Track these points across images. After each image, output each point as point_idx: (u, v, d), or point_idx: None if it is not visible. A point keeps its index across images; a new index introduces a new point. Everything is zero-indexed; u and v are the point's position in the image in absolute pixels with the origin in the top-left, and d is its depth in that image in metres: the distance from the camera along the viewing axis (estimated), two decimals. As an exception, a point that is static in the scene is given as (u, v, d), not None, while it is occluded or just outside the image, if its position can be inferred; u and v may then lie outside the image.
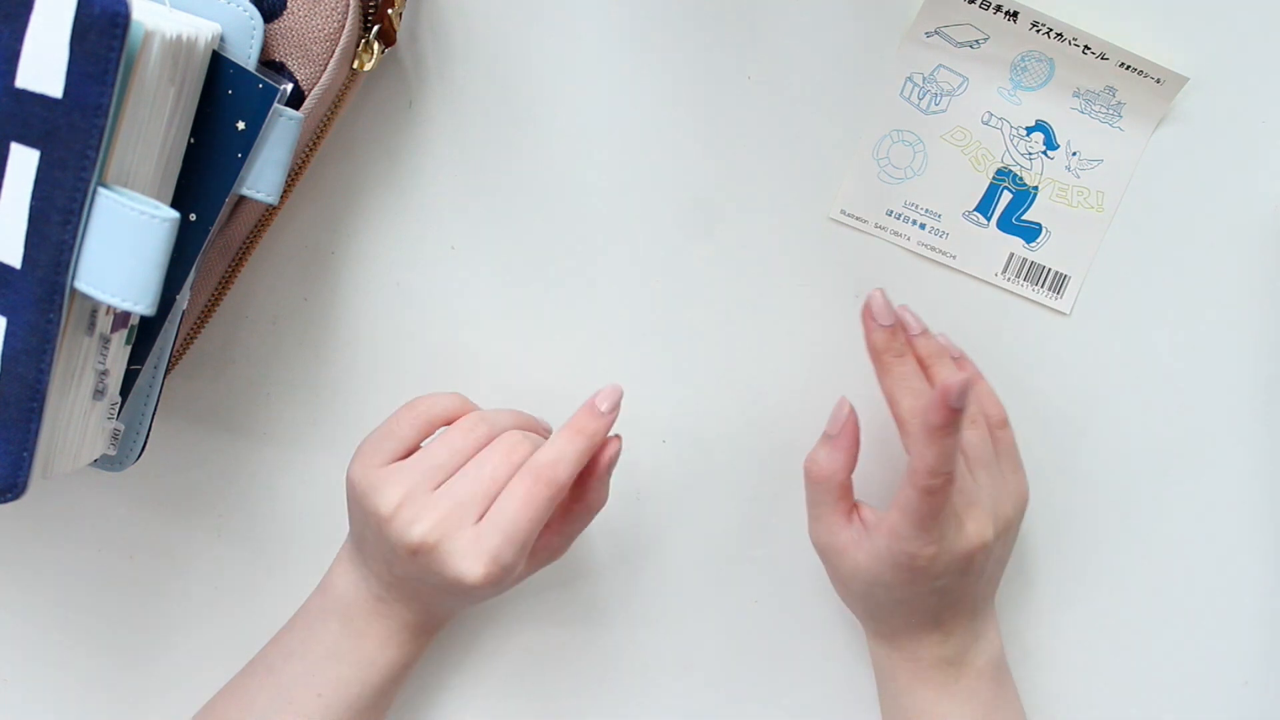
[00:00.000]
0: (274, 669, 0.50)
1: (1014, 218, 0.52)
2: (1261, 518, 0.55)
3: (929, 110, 0.52)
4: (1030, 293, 0.53)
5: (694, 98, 0.52)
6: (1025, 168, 0.52)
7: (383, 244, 0.53)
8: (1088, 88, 0.51)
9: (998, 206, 0.52)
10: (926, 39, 0.51)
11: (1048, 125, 0.52)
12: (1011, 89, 0.52)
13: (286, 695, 0.49)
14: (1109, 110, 0.51)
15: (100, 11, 0.36)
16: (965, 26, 0.50)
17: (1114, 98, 0.51)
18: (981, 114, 0.52)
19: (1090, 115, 0.52)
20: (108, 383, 0.44)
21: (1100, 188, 0.52)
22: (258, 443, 0.54)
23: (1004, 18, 0.50)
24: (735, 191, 0.52)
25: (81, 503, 0.55)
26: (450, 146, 0.52)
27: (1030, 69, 0.51)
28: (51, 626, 0.55)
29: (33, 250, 0.39)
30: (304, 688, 0.49)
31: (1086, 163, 0.52)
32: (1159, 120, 0.51)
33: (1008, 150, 0.52)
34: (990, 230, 0.53)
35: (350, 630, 0.49)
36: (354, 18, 0.45)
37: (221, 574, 0.55)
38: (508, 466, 0.47)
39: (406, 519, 0.46)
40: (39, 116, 0.38)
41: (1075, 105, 0.51)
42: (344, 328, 0.53)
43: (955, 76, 0.51)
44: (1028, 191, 0.52)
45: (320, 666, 0.49)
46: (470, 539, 0.46)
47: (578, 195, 0.52)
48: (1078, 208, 0.52)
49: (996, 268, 0.53)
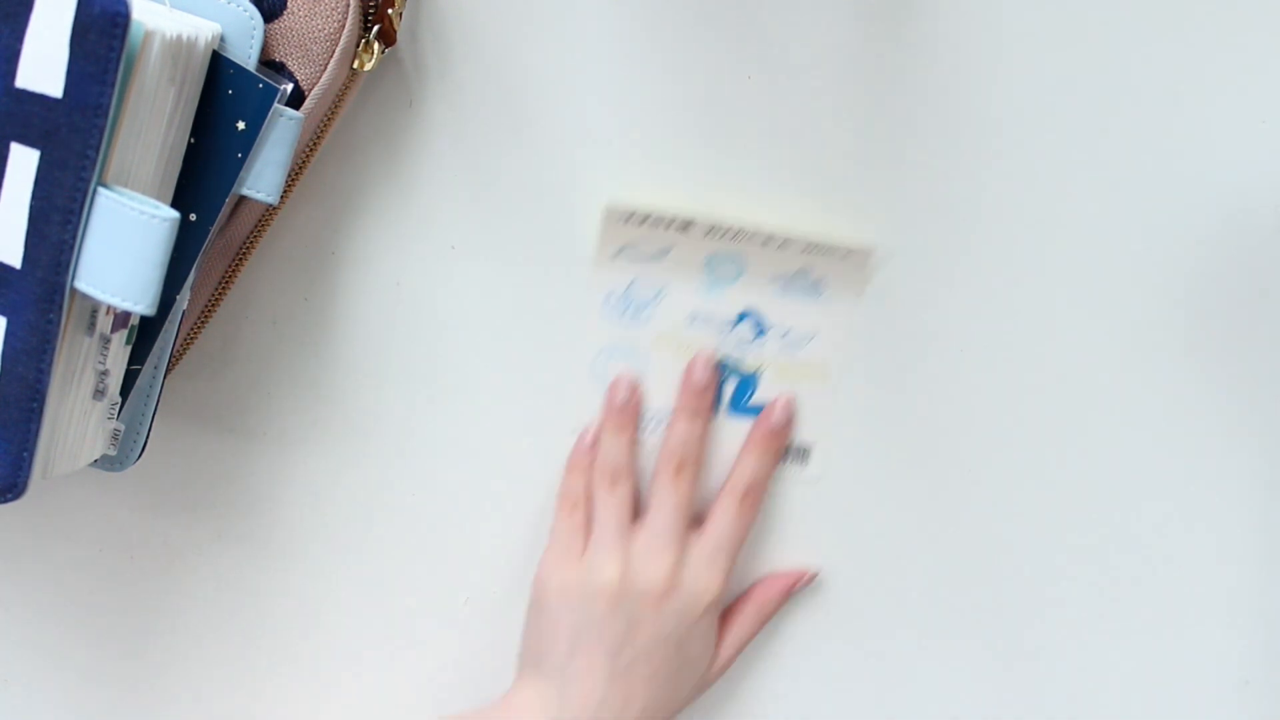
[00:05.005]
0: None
1: (742, 403, 0.53)
2: (1262, 517, 0.55)
3: (634, 323, 0.53)
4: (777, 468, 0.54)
5: (694, 98, 0.52)
6: (741, 356, 0.53)
7: (383, 244, 0.53)
8: (781, 273, 0.52)
9: (724, 396, 0.53)
10: (613, 259, 0.52)
11: (754, 313, 0.52)
12: (709, 288, 0.52)
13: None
14: (808, 288, 0.52)
15: (100, 11, 0.36)
16: (648, 241, 0.51)
17: (809, 277, 0.52)
18: (686, 315, 0.52)
19: (792, 295, 0.52)
20: (108, 383, 0.44)
21: (820, 359, 0.53)
22: (258, 443, 0.54)
23: (677, 231, 0.51)
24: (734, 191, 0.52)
25: (81, 503, 0.55)
26: (450, 146, 0.52)
27: (720, 267, 0.52)
28: (51, 627, 0.55)
29: (33, 250, 0.39)
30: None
31: (800, 339, 0.53)
32: (861, 287, 0.52)
33: (720, 343, 0.53)
34: (722, 418, 0.53)
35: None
36: (354, 18, 0.45)
37: (221, 574, 0.55)
38: (679, 497, 0.51)
39: (638, 569, 0.49)
40: (39, 116, 0.38)
41: (774, 290, 0.52)
42: (344, 328, 0.53)
43: (651, 287, 0.52)
44: (750, 377, 0.53)
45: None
46: (699, 553, 0.50)
47: (578, 195, 0.52)
48: (801, 382, 0.53)
49: (737, 453, 0.54)
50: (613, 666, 0.49)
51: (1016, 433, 0.54)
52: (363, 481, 0.54)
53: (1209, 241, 0.53)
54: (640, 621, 0.49)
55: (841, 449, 0.54)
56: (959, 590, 0.56)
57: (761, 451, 0.52)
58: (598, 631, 0.49)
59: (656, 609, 0.49)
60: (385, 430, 0.54)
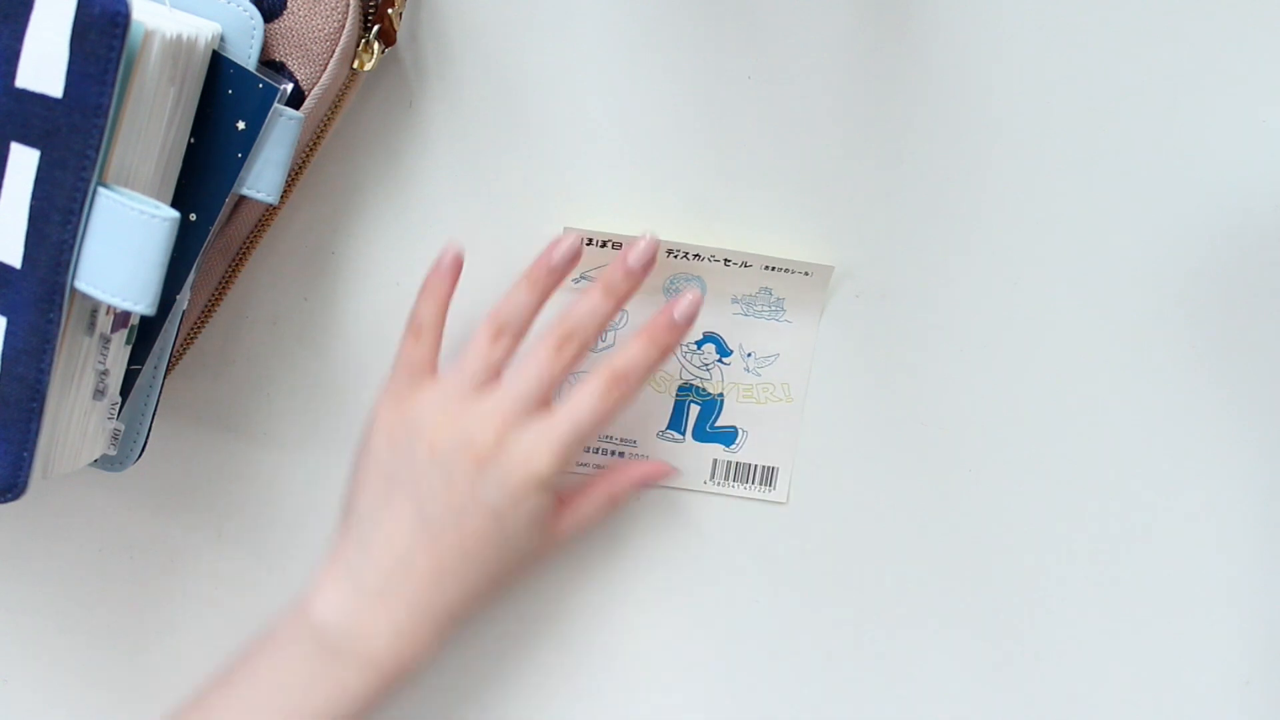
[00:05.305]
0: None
1: (707, 426, 0.53)
2: (1262, 517, 0.55)
3: (596, 348, 0.52)
4: (744, 491, 0.54)
5: (694, 97, 0.52)
6: (705, 378, 0.53)
7: (383, 244, 0.53)
8: (743, 293, 0.52)
9: (688, 420, 0.53)
10: (575, 285, 0.52)
11: (716, 335, 0.52)
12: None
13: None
14: (771, 308, 0.52)
15: (100, 11, 0.36)
16: (605, 266, 0.51)
17: (771, 296, 0.52)
18: None
19: (754, 316, 0.52)
20: (108, 383, 0.44)
21: (784, 380, 0.53)
22: (258, 443, 0.54)
23: None
24: (735, 192, 0.52)
25: (81, 503, 0.55)
26: (450, 146, 0.52)
27: (682, 289, 0.51)
28: (51, 626, 0.55)
29: (33, 250, 0.39)
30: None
31: (764, 360, 0.53)
32: (822, 305, 0.52)
33: (683, 367, 0.53)
34: (688, 443, 0.54)
35: (340, 645, 0.45)
36: (354, 18, 0.46)
37: (221, 574, 0.55)
38: (549, 370, 0.46)
39: (470, 425, 0.45)
40: (39, 116, 0.38)
41: (737, 310, 0.52)
42: (344, 328, 0.53)
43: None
44: (714, 400, 0.53)
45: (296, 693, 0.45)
46: (543, 426, 0.46)
47: (577, 195, 0.52)
48: (767, 403, 0.53)
49: (704, 476, 0.54)
50: (421, 520, 0.45)
51: (1002, 438, 0.54)
52: (363, 481, 0.54)
53: (1208, 241, 0.53)
54: (456, 481, 0.45)
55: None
56: (955, 595, 0.56)
57: (650, 341, 0.47)
58: (413, 481, 0.45)
59: (478, 471, 0.45)
60: (385, 430, 0.53)
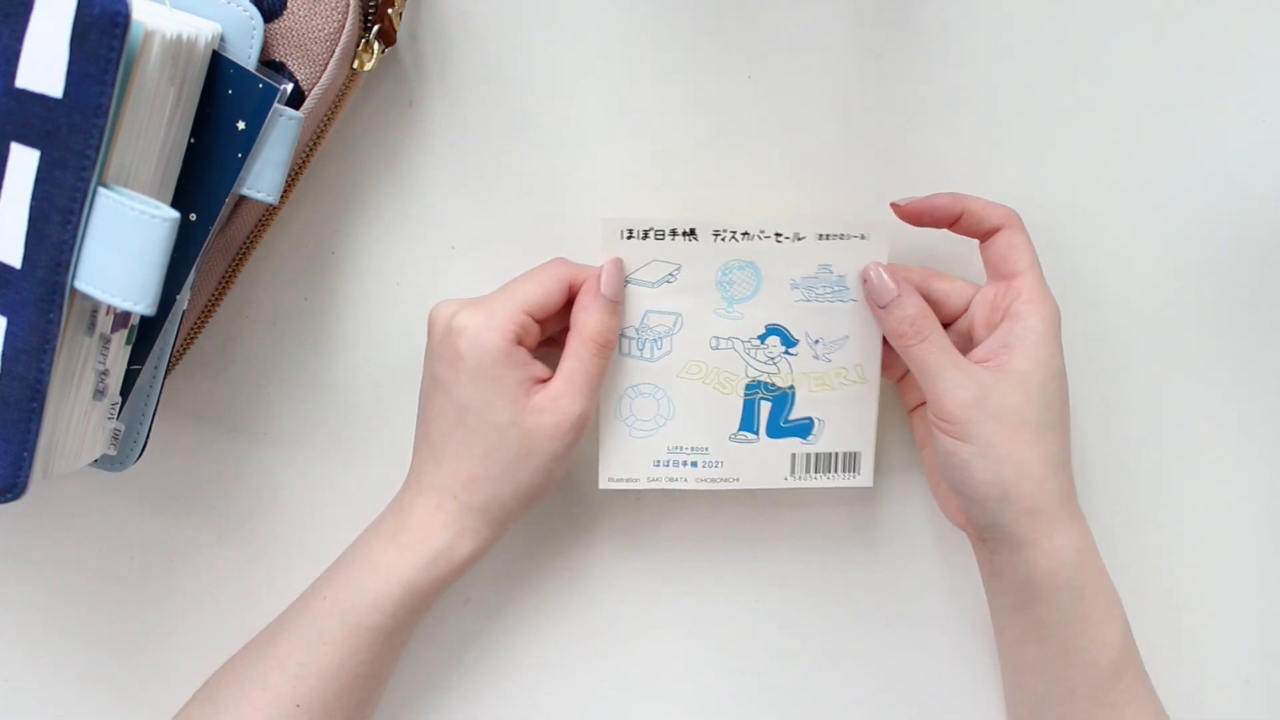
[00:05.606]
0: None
1: (781, 421, 0.51)
2: (1263, 518, 0.55)
3: (654, 357, 0.50)
4: (827, 481, 0.52)
5: (694, 97, 0.52)
6: (773, 373, 0.50)
7: (383, 244, 0.53)
8: (802, 274, 0.49)
9: (760, 419, 0.51)
10: (624, 289, 0.49)
11: (779, 327, 0.50)
12: (727, 307, 0.50)
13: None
14: (832, 288, 0.49)
15: (100, 11, 0.36)
16: (653, 265, 0.49)
17: (831, 273, 0.49)
18: (708, 341, 0.50)
19: (816, 300, 0.49)
20: (108, 383, 0.44)
21: (856, 361, 0.50)
22: (258, 443, 0.54)
23: (684, 239, 0.49)
24: (735, 191, 0.52)
25: (81, 503, 0.55)
26: (450, 146, 0.52)
27: (736, 280, 0.49)
28: (52, 626, 0.55)
29: (33, 250, 0.39)
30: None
31: (832, 345, 0.50)
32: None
33: (748, 365, 0.50)
34: (763, 442, 0.51)
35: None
36: (354, 18, 0.46)
37: (221, 574, 0.55)
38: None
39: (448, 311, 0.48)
40: (39, 116, 0.38)
41: (798, 296, 0.49)
42: (344, 328, 0.53)
43: (666, 317, 0.50)
44: (785, 394, 0.51)
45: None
46: (481, 303, 0.47)
47: (577, 195, 0.52)
48: (840, 388, 0.51)
49: (783, 473, 0.51)
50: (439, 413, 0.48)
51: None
52: (362, 481, 0.54)
53: (1209, 240, 0.53)
54: (442, 364, 0.48)
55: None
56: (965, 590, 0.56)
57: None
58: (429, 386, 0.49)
59: (445, 345, 0.47)
60: (385, 430, 0.54)
